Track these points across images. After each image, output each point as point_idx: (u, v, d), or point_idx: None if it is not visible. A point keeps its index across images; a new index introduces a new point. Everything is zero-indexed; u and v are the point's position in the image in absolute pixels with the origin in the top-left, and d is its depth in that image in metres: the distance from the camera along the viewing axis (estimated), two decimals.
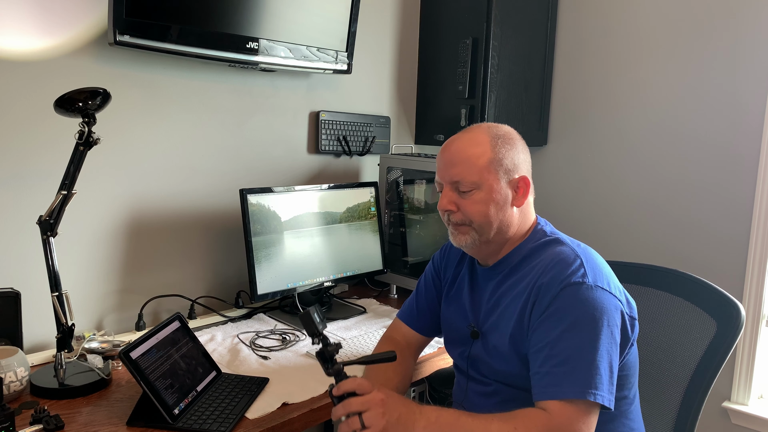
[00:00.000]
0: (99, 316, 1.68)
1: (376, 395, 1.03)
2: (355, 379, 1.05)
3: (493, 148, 1.19)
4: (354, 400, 1.03)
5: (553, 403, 1.04)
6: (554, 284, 1.11)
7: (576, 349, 1.05)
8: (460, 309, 1.32)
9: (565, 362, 1.05)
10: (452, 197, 1.21)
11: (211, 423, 1.20)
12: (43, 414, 1.17)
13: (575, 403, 1.03)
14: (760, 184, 2.00)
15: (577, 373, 1.04)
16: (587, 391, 1.02)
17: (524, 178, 1.22)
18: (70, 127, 1.33)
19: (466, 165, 1.18)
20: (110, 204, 1.67)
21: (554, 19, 2.47)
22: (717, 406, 2.10)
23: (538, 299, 1.12)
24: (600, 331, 1.06)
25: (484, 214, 1.19)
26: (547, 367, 1.06)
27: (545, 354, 1.07)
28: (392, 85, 2.39)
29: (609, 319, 1.08)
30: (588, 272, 1.11)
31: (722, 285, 1.40)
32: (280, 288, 1.81)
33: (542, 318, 1.10)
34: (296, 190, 1.89)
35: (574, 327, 1.07)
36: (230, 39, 1.71)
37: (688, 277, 1.44)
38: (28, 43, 1.47)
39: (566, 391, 1.03)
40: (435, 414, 1.05)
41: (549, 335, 1.08)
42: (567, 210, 2.50)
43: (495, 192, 1.19)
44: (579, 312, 1.08)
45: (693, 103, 2.14)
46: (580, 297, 1.08)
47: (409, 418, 1.04)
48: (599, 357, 1.05)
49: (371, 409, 1.02)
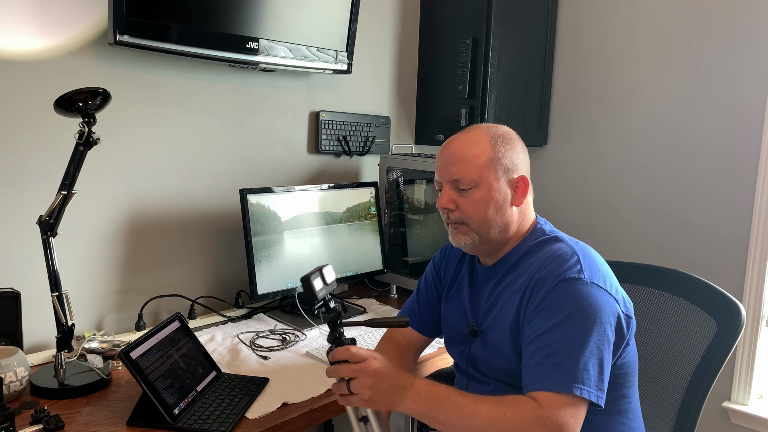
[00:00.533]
0: (99, 316, 1.68)
1: (368, 365, 1.05)
2: (348, 349, 1.07)
3: (492, 148, 1.20)
4: (345, 367, 1.06)
5: (541, 393, 1.04)
6: (550, 279, 1.11)
7: (566, 342, 1.06)
8: (459, 308, 1.32)
9: (554, 354, 1.05)
10: (451, 195, 1.21)
11: (211, 423, 1.20)
12: (43, 414, 1.17)
13: (563, 395, 1.03)
14: (760, 184, 2.00)
15: (565, 366, 1.04)
16: (573, 385, 1.03)
17: (523, 177, 1.22)
18: (70, 127, 1.33)
19: (466, 163, 1.19)
20: (110, 204, 1.67)
21: (554, 19, 2.47)
22: (717, 406, 2.10)
23: (534, 293, 1.13)
24: (592, 327, 1.07)
25: (483, 213, 1.19)
26: (537, 359, 1.07)
27: (536, 346, 1.08)
28: (392, 85, 2.39)
29: (603, 316, 1.08)
30: (584, 269, 1.12)
31: (722, 285, 1.40)
32: (280, 288, 1.81)
33: (536, 311, 1.11)
34: (296, 190, 1.89)
35: (567, 321, 1.07)
36: (230, 39, 1.71)
37: (688, 277, 1.44)
38: (28, 43, 1.47)
39: (553, 383, 1.04)
40: (426, 388, 1.07)
41: (541, 327, 1.09)
42: (567, 210, 2.50)
43: (494, 191, 1.19)
44: (572, 307, 1.08)
45: (693, 103, 2.14)
46: (574, 292, 1.09)
47: (397, 389, 1.06)
48: (588, 352, 1.05)
49: (359, 378, 1.05)
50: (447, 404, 1.05)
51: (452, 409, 1.04)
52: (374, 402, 1.06)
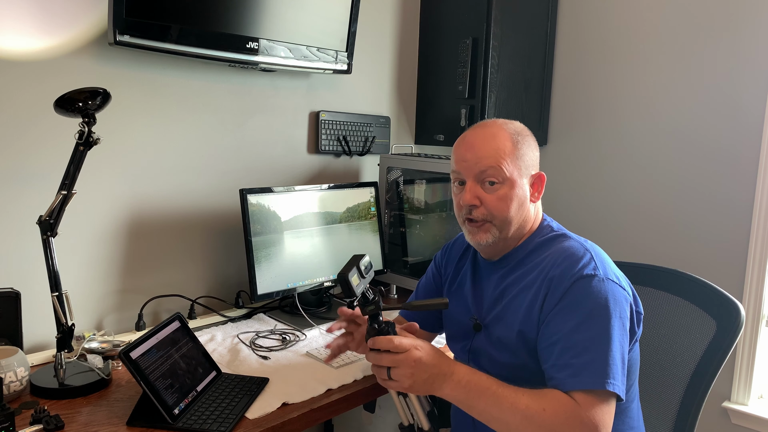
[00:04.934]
0: (99, 316, 1.68)
1: (409, 355, 1.06)
2: (392, 339, 1.08)
3: (515, 144, 1.19)
4: (386, 356, 1.07)
5: (576, 393, 1.04)
6: (566, 277, 1.11)
7: (591, 340, 1.06)
8: (462, 303, 1.32)
9: (582, 353, 1.06)
10: (476, 191, 1.19)
11: (211, 423, 1.20)
12: (43, 414, 1.17)
13: (596, 393, 1.03)
14: (760, 184, 2.00)
15: (595, 364, 1.04)
16: (606, 381, 1.03)
17: (540, 174, 1.23)
18: (70, 127, 1.33)
19: (495, 158, 1.17)
20: (110, 204, 1.67)
21: (554, 19, 2.47)
22: (717, 406, 2.10)
23: (550, 292, 1.12)
24: (612, 322, 1.07)
25: (507, 210, 1.19)
26: (566, 359, 1.07)
27: (561, 346, 1.08)
28: (392, 85, 2.39)
29: (621, 311, 1.09)
30: (598, 265, 1.12)
31: (722, 285, 1.41)
32: (280, 288, 1.81)
33: (555, 311, 1.11)
34: (296, 190, 1.89)
35: (589, 319, 1.08)
36: (230, 39, 1.71)
37: (688, 277, 1.44)
38: (28, 43, 1.47)
39: (586, 382, 1.04)
40: (467, 377, 1.07)
41: (563, 328, 1.09)
42: (567, 210, 2.49)
43: (518, 187, 1.19)
44: (592, 304, 1.08)
45: (693, 102, 2.14)
46: (592, 289, 1.09)
47: (437, 377, 1.07)
48: (613, 347, 1.06)
49: (400, 368, 1.06)
50: (486, 395, 1.06)
51: (491, 400, 1.05)
52: (414, 389, 1.08)
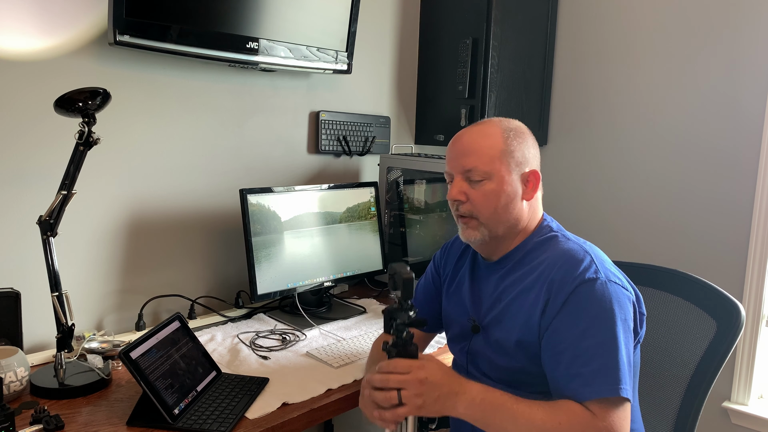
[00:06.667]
0: (99, 316, 1.68)
1: (415, 375, 1.04)
2: (391, 363, 1.06)
3: (505, 141, 1.20)
4: (392, 377, 1.05)
5: (589, 403, 1.04)
6: (567, 281, 1.10)
7: (599, 346, 1.06)
8: (460, 303, 1.32)
9: (590, 361, 1.05)
10: (462, 187, 1.21)
11: (211, 423, 1.20)
12: (43, 414, 1.17)
13: (609, 400, 1.03)
14: (760, 184, 2.00)
15: (605, 371, 1.04)
16: (617, 387, 1.03)
17: (534, 172, 1.23)
18: (70, 127, 1.33)
19: (478, 155, 1.19)
20: (110, 204, 1.67)
21: (554, 20, 2.47)
22: (717, 406, 2.10)
23: (552, 296, 1.11)
24: (618, 325, 1.07)
25: (493, 206, 1.19)
26: (575, 368, 1.06)
27: (569, 354, 1.07)
28: (392, 85, 2.39)
29: (625, 313, 1.09)
30: (599, 267, 1.12)
31: (722, 285, 1.40)
32: (280, 288, 1.81)
33: (559, 317, 1.10)
34: (296, 190, 1.89)
35: (593, 324, 1.07)
36: (230, 39, 1.71)
37: (688, 277, 1.44)
38: (28, 43, 1.47)
39: (599, 390, 1.03)
40: (480, 395, 1.05)
41: (569, 335, 1.08)
42: (566, 210, 2.49)
43: (505, 183, 1.19)
44: (596, 309, 1.08)
45: (692, 103, 2.14)
46: (596, 294, 1.08)
47: (449, 397, 1.04)
48: (620, 351, 1.05)
49: (407, 389, 1.04)
50: (502, 411, 1.04)
51: (507, 416, 1.03)
52: (426, 410, 1.04)
